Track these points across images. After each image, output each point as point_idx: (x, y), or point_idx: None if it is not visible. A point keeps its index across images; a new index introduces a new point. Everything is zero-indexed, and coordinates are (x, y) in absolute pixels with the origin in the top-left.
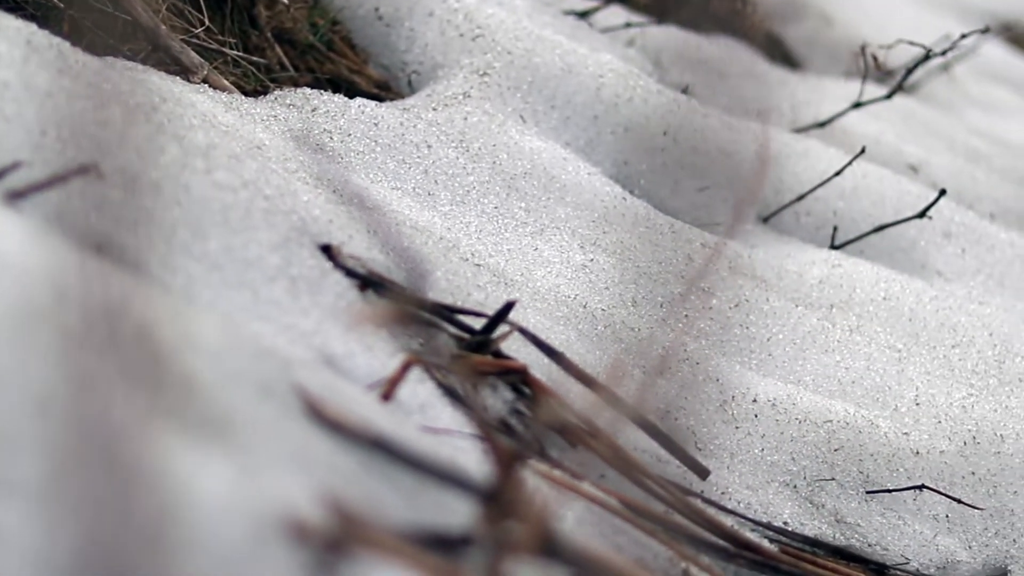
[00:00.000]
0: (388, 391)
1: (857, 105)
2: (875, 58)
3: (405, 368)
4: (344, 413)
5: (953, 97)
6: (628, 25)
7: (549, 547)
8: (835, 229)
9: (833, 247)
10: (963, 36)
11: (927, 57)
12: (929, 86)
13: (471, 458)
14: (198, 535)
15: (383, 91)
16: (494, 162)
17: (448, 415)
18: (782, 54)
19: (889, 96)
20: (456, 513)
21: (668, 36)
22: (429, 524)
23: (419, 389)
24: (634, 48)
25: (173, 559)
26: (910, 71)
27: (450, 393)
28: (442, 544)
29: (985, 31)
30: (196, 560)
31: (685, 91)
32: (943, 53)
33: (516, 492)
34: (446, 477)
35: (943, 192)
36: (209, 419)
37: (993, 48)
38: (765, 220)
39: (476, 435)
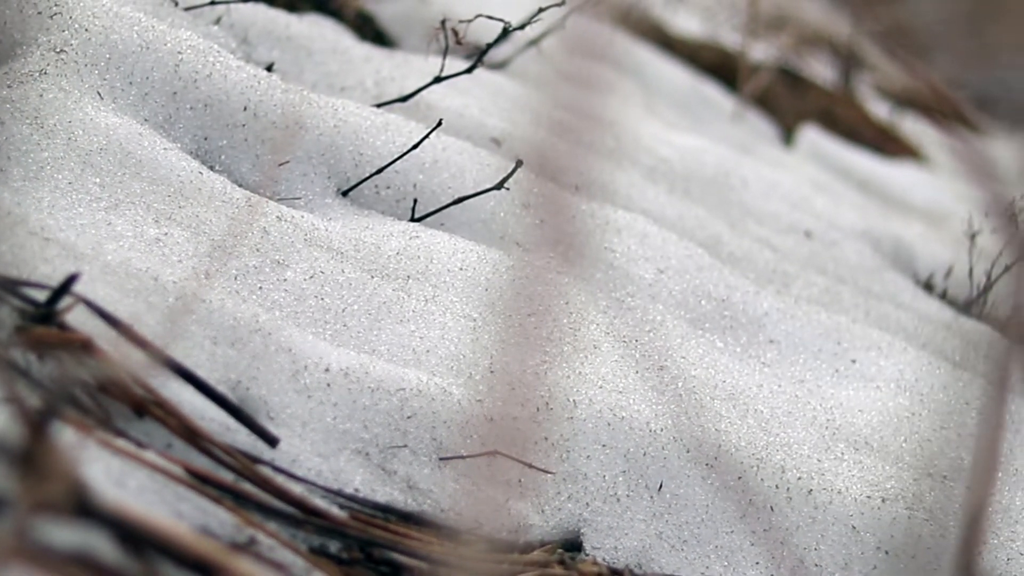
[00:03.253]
0: None
1: (438, 79)
2: (456, 33)
3: None
4: None
5: (545, 72)
6: (213, 2)
7: (81, 506)
8: (415, 202)
9: (413, 220)
10: (541, 10)
11: (506, 32)
12: (522, 62)
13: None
14: None
15: None
16: (69, 138)
17: None
18: (374, 32)
19: (469, 70)
20: None
21: (256, 13)
22: None
23: None
24: (219, 25)
25: None
26: (490, 46)
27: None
28: None
29: (561, 3)
30: None
31: (270, 68)
32: (521, 27)
33: (46, 453)
34: None
35: (520, 163)
36: None
37: (588, 25)
38: (344, 194)
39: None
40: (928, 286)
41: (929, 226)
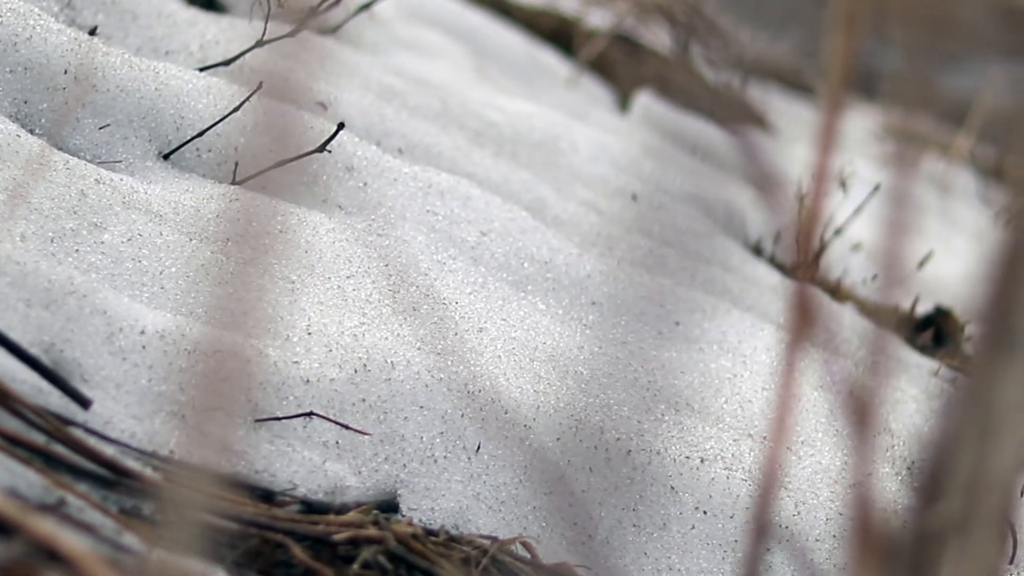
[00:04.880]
0: None
1: (260, 43)
2: None
3: None
4: None
5: (380, 39)
6: None
7: None
8: (236, 165)
9: (235, 183)
10: None
11: None
12: (357, 28)
13: None
14: None
15: None
16: None
17: None
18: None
19: (292, 34)
20: None
21: None
22: None
23: None
24: None
25: None
26: (313, 10)
27: None
28: None
29: None
30: None
31: (93, 32)
32: None
33: None
34: None
35: (341, 125)
36: None
37: None
38: (166, 157)
39: None
40: (757, 250)
41: (763, 191)
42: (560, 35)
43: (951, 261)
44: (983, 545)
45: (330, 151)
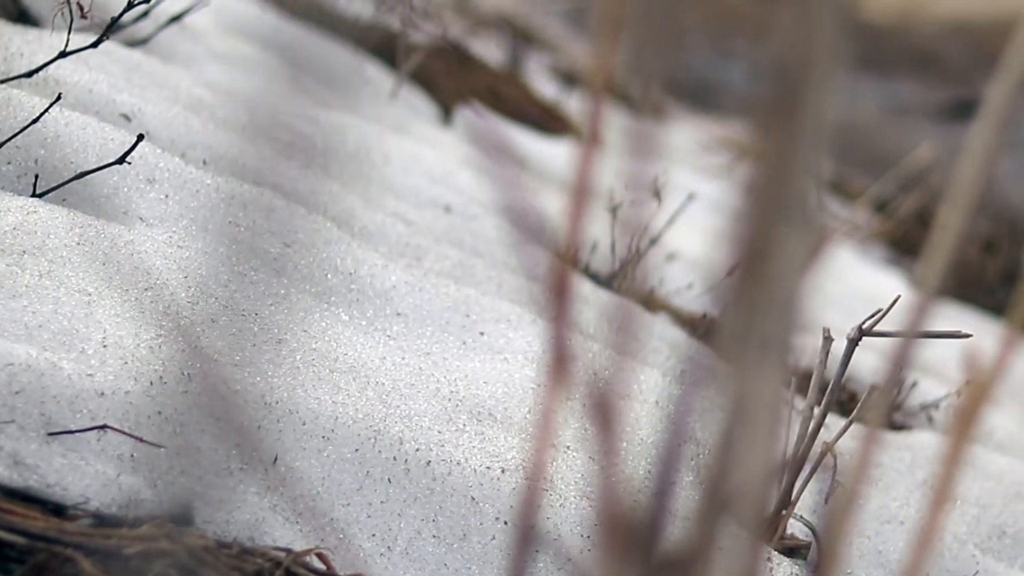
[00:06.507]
0: None
1: (63, 54)
2: (81, 7)
3: None
4: None
5: (195, 51)
6: None
7: None
8: (36, 177)
9: (35, 195)
10: None
11: (131, 5)
12: (170, 41)
13: None
14: None
15: None
16: None
17: None
18: (19, 11)
19: (94, 45)
20: None
21: None
22: None
23: None
24: None
25: None
26: (115, 20)
27: None
28: None
29: None
30: None
31: None
32: (158, 2)
33: None
34: None
35: (141, 137)
36: None
37: (245, 5)
38: None
39: None
40: (573, 260)
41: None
42: (386, 48)
43: None
44: (739, 532)
45: (130, 163)
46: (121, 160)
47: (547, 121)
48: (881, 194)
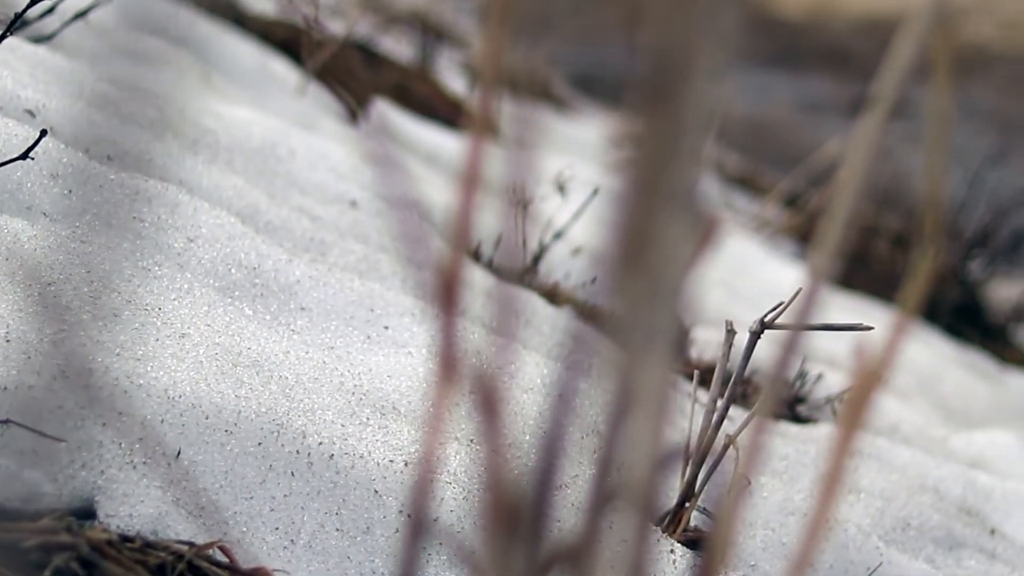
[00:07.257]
0: None
1: None
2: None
3: None
4: None
5: (100, 47)
6: None
7: None
8: None
9: None
10: None
11: (36, 1)
12: (75, 37)
13: None
14: None
15: None
16: None
17: None
18: None
19: None
20: None
21: None
22: None
23: None
24: None
25: None
26: (19, 16)
27: None
28: None
29: None
30: None
31: None
32: None
33: None
34: None
35: (44, 132)
36: None
37: (153, 1)
38: None
39: None
40: (476, 255)
41: (490, 197)
42: (294, 44)
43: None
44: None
45: (34, 158)
46: (25, 156)
47: (456, 116)
48: (791, 189)
